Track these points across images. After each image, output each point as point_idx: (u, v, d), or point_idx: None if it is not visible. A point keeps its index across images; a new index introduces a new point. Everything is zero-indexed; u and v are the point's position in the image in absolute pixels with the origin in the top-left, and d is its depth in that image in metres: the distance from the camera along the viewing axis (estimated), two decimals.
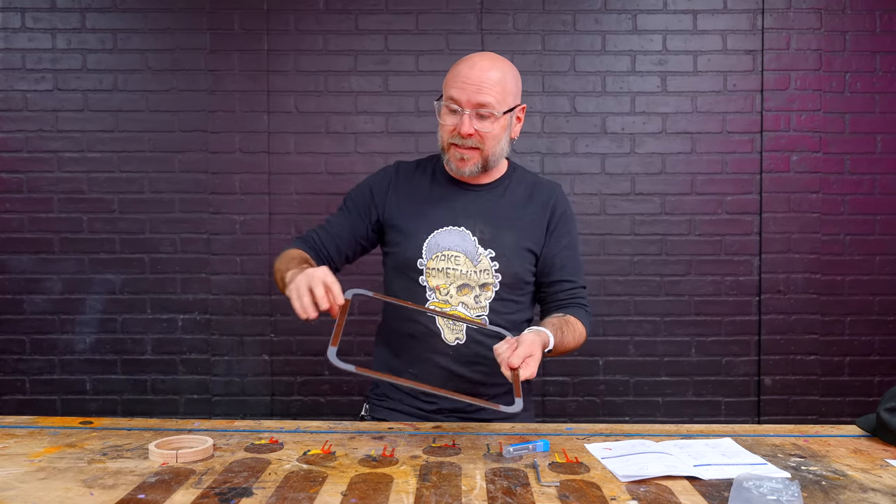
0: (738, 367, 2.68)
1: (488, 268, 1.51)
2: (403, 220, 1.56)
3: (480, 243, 1.52)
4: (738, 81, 2.65)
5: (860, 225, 2.67)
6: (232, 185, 2.66)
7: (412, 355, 1.55)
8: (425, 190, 1.59)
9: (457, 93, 1.46)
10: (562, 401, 2.69)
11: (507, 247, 1.53)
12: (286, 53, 2.65)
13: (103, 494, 1.04)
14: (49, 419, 1.43)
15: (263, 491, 1.05)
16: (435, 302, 1.51)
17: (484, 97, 1.46)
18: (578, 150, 2.67)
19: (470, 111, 1.46)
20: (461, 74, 1.47)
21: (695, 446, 1.28)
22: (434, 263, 1.51)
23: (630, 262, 2.67)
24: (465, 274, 1.51)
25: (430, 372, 1.52)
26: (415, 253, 1.53)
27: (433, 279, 1.51)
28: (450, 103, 1.48)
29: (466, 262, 1.51)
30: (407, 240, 1.54)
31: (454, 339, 1.51)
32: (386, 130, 2.66)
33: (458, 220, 1.54)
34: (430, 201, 1.57)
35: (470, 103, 1.46)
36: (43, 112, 2.64)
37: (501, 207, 1.57)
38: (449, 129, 1.49)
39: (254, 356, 2.68)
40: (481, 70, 1.46)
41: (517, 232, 1.54)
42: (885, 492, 1.06)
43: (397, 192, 1.59)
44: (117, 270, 2.67)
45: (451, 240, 1.52)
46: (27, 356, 2.68)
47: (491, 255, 1.52)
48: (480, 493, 1.05)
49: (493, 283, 1.52)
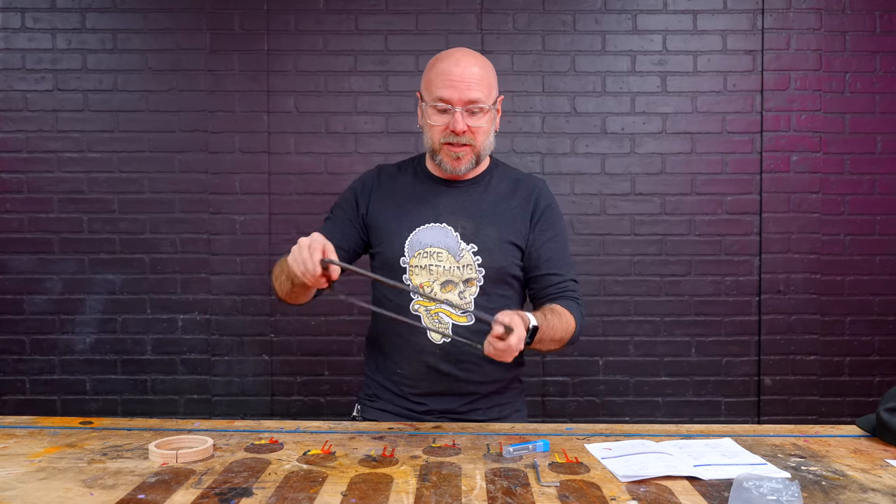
0: (738, 367, 2.68)
1: (471, 262, 1.51)
2: (386, 220, 1.56)
3: (462, 238, 1.52)
4: (738, 81, 2.65)
5: (860, 225, 2.67)
6: (232, 185, 2.66)
7: (400, 355, 1.55)
8: (408, 189, 1.59)
9: (447, 92, 1.46)
10: (562, 401, 2.69)
11: (490, 241, 1.53)
12: (286, 53, 2.65)
13: (103, 494, 1.04)
14: (49, 419, 1.44)
15: (263, 491, 1.05)
16: (419, 300, 1.51)
17: (474, 93, 1.47)
18: (578, 150, 2.67)
19: (461, 108, 1.47)
20: (449, 73, 1.47)
21: (695, 446, 1.28)
22: (417, 261, 1.52)
23: (630, 263, 2.67)
24: (447, 270, 1.51)
25: (418, 371, 1.53)
26: (397, 251, 1.53)
27: (416, 277, 1.51)
28: (439, 103, 1.48)
29: (449, 257, 1.51)
30: (389, 239, 1.54)
31: (440, 338, 1.51)
32: (386, 130, 2.66)
33: (439, 216, 1.54)
34: (412, 200, 1.57)
35: (461, 101, 1.46)
36: (43, 112, 2.64)
37: (484, 202, 1.57)
38: (440, 128, 1.49)
39: (254, 356, 2.68)
40: (467, 66, 1.47)
41: (499, 226, 1.54)
42: (885, 492, 1.06)
43: (380, 194, 1.60)
44: (117, 271, 2.67)
45: (432, 236, 1.52)
46: (27, 356, 2.67)
47: (473, 249, 1.52)
48: (480, 494, 1.05)
49: (476, 279, 1.51)
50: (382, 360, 1.59)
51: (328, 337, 2.66)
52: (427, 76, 1.52)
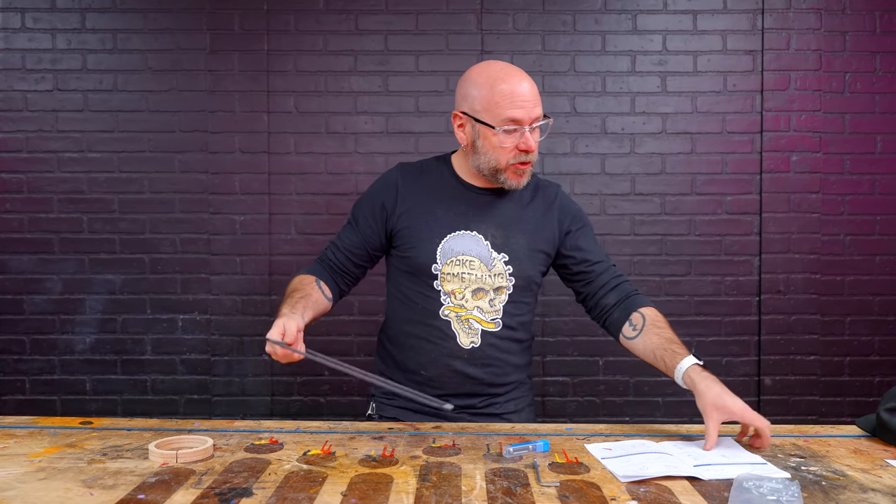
0: (738, 367, 2.68)
1: (502, 271, 1.54)
2: (415, 225, 1.56)
3: (493, 247, 1.54)
4: (738, 82, 2.65)
5: (860, 225, 2.67)
6: (232, 186, 2.66)
7: (427, 358, 1.56)
8: (434, 194, 1.59)
9: (519, 113, 1.46)
10: (562, 401, 2.69)
11: (520, 250, 1.55)
12: (286, 53, 2.65)
13: (103, 494, 1.04)
14: (49, 419, 1.44)
15: (263, 491, 1.05)
16: (450, 306, 1.53)
17: (538, 110, 1.49)
18: (578, 150, 2.67)
19: (529, 127, 1.48)
20: (517, 93, 1.46)
21: (694, 446, 1.28)
22: (449, 268, 1.53)
23: (630, 263, 2.67)
24: (479, 278, 1.53)
25: (445, 374, 1.55)
26: (429, 258, 1.54)
27: (448, 284, 1.53)
28: (509, 125, 1.47)
29: (481, 266, 1.53)
30: (421, 244, 1.54)
31: (469, 343, 1.54)
32: (386, 131, 2.66)
33: (469, 224, 1.55)
34: (441, 205, 1.57)
35: (530, 119, 1.47)
36: (43, 112, 2.64)
37: (509, 210, 1.58)
38: (509, 149, 1.48)
39: (254, 356, 2.68)
40: (529, 84, 1.49)
41: (528, 234, 1.57)
42: (885, 492, 1.06)
43: (405, 197, 1.59)
44: (117, 271, 2.67)
45: (465, 244, 1.54)
46: (27, 356, 2.68)
47: (504, 258, 1.54)
48: (480, 494, 1.05)
49: (506, 287, 1.55)
50: (403, 360, 1.60)
51: (328, 337, 2.66)
52: (487, 98, 1.48)
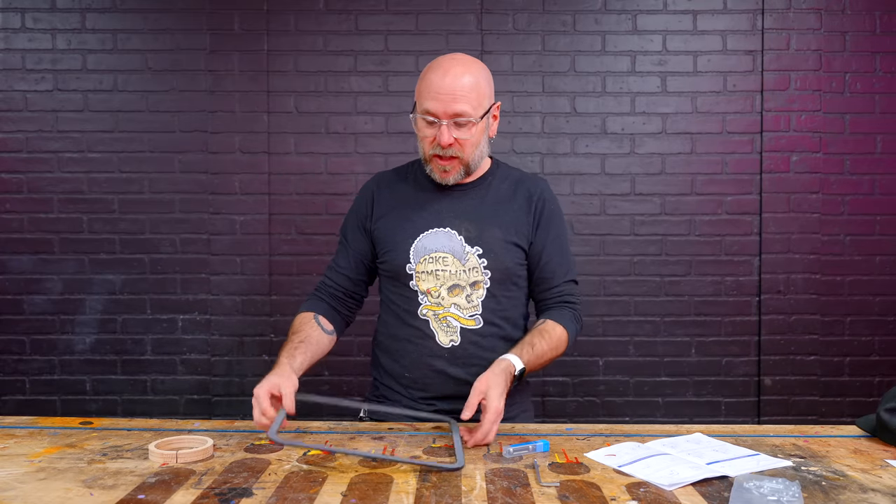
0: (738, 367, 2.68)
1: (477, 265, 1.51)
2: (390, 229, 1.56)
3: (467, 241, 1.51)
4: (738, 82, 2.65)
5: (860, 225, 2.67)
6: (232, 186, 2.66)
7: (409, 360, 1.54)
8: (409, 196, 1.58)
9: (432, 105, 1.43)
10: (562, 401, 2.69)
11: (494, 242, 1.52)
12: (286, 54, 2.65)
13: (103, 495, 1.04)
14: (49, 419, 1.43)
15: (263, 491, 1.05)
16: (427, 305, 1.51)
17: (459, 106, 1.42)
18: (578, 150, 2.67)
19: (447, 121, 1.44)
20: (434, 85, 1.43)
21: (679, 445, 1.27)
22: (423, 266, 1.51)
23: (630, 263, 2.67)
24: (454, 274, 1.50)
25: (427, 375, 1.52)
26: (403, 258, 1.52)
27: (423, 283, 1.51)
28: (427, 116, 1.45)
29: (455, 261, 1.51)
30: (395, 247, 1.54)
31: (448, 342, 1.51)
32: (386, 131, 2.66)
33: (443, 221, 1.53)
34: (414, 207, 1.56)
35: (447, 114, 1.43)
36: (43, 112, 2.64)
37: (486, 204, 1.56)
38: (429, 140, 1.47)
39: (254, 356, 2.67)
40: (454, 77, 1.43)
41: (503, 227, 1.53)
42: (885, 492, 1.06)
43: (380, 203, 1.59)
44: (117, 271, 2.67)
45: (437, 241, 1.52)
46: (27, 356, 2.67)
47: (478, 252, 1.51)
48: (480, 494, 1.05)
49: (483, 281, 1.51)
50: (390, 363, 1.59)
51: None
52: (418, 86, 1.48)
